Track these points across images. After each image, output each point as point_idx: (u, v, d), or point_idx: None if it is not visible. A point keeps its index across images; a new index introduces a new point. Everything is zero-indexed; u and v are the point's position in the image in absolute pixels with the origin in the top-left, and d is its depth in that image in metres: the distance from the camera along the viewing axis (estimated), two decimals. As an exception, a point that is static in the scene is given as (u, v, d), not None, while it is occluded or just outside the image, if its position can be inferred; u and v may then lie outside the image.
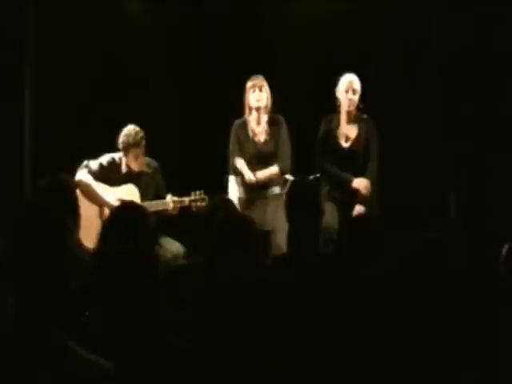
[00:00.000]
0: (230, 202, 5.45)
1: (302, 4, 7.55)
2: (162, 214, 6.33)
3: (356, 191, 6.38)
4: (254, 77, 6.48)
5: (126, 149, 6.40)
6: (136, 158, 6.45)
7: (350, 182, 6.37)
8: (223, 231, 3.72)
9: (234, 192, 6.54)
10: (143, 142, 6.44)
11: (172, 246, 6.24)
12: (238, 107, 6.61)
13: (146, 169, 6.58)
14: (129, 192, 6.43)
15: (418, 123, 7.44)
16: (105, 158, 6.45)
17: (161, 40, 7.68)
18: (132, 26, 7.63)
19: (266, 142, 6.50)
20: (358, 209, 6.35)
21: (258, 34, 7.56)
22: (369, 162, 6.48)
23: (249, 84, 6.46)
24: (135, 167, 6.48)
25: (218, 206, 5.12)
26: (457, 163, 7.37)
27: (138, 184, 6.50)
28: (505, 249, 4.07)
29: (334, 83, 6.51)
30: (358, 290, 3.76)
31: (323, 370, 3.35)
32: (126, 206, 4.55)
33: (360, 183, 6.33)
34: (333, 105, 6.56)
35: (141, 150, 6.45)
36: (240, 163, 6.46)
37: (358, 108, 6.48)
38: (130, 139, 6.38)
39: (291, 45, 7.44)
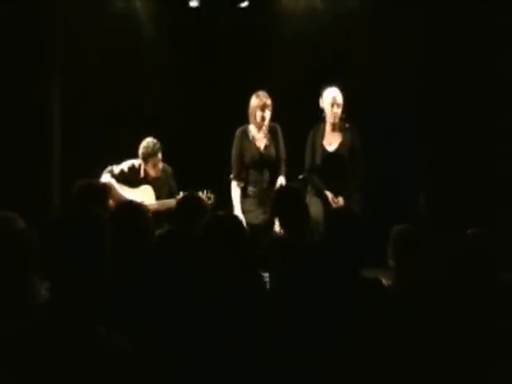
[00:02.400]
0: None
1: (293, 27, 7.65)
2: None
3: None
4: (260, 94, 6.56)
5: (146, 158, 6.69)
6: (154, 166, 6.72)
7: (327, 196, 6.56)
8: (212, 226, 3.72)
9: (236, 196, 6.64)
10: (160, 153, 6.69)
11: None
12: (238, 115, 6.73)
13: (161, 174, 6.83)
14: (145, 192, 6.71)
15: (393, 125, 7.61)
16: (126, 164, 6.70)
17: (171, 57, 7.84)
18: (146, 52, 7.83)
19: (266, 147, 6.63)
20: (337, 201, 6.54)
21: (255, 51, 7.75)
22: (353, 167, 6.64)
23: (256, 101, 6.56)
24: (153, 174, 6.75)
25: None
26: (428, 162, 7.57)
27: (153, 186, 6.75)
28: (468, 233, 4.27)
29: (319, 93, 6.68)
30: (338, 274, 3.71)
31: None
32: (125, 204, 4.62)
33: (333, 200, 6.55)
34: (318, 112, 6.72)
35: (158, 159, 6.71)
36: (234, 190, 6.66)
37: (340, 118, 6.66)
38: (149, 150, 6.66)
39: (284, 60, 7.57)
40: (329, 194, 6.63)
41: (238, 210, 6.57)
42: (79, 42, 7.62)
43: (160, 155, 6.73)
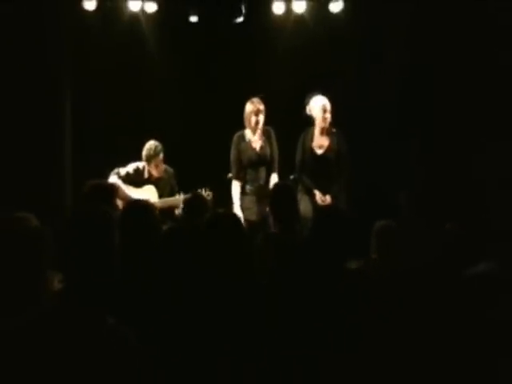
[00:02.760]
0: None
1: (283, 39, 7.70)
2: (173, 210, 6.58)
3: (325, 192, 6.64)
4: (255, 101, 6.64)
5: (149, 159, 6.73)
6: (156, 166, 6.75)
7: (315, 195, 6.64)
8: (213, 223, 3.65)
9: (236, 194, 6.69)
10: (161, 154, 6.72)
11: None
12: (234, 120, 6.80)
13: (164, 173, 6.87)
14: (149, 192, 6.71)
15: (376, 128, 7.65)
16: (131, 166, 6.72)
17: (173, 67, 7.86)
18: (150, 63, 7.86)
19: (261, 148, 6.69)
20: (324, 199, 6.61)
21: (250, 61, 7.80)
22: (340, 169, 6.73)
23: (250, 107, 6.64)
24: (156, 174, 6.78)
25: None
26: (409, 163, 7.58)
27: (156, 185, 6.78)
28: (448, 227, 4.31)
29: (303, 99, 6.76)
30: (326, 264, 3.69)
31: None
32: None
33: (320, 198, 6.61)
34: (306, 118, 6.81)
35: (160, 160, 6.74)
36: (235, 188, 6.72)
37: (329, 123, 6.71)
38: (151, 152, 6.70)
39: (275, 69, 7.67)
40: (317, 193, 6.68)
41: (237, 207, 6.62)
42: (89, 54, 7.66)
43: (161, 156, 6.76)
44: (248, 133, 6.77)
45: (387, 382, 3.24)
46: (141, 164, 6.80)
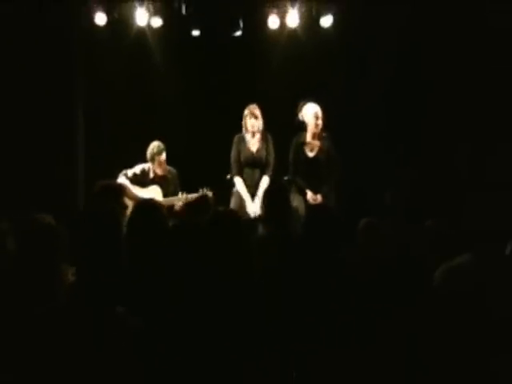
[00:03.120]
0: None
1: (277, 51, 7.66)
2: (174, 210, 6.55)
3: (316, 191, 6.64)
4: (251, 106, 6.71)
5: (152, 158, 6.75)
6: (160, 164, 6.76)
7: (306, 194, 6.63)
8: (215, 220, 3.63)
9: (242, 187, 6.68)
10: (164, 152, 6.74)
11: None
12: (233, 125, 6.84)
13: (168, 174, 6.86)
14: (154, 191, 6.72)
15: (363, 133, 7.63)
16: (138, 168, 6.74)
17: (177, 77, 7.86)
18: (156, 73, 7.85)
19: (258, 151, 6.73)
20: (315, 198, 6.60)
21: (247, 71, 7.77)
22: (330, 170, 6.71)
23: (246, 112, 6.71)
24: (160, 172, 6.79)
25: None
26: (394, 165, 7.57)
27: (161, 186, 6.78)
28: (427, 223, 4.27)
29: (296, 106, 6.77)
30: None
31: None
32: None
33: (312, 198, 6.61)
34: (298, 123, 6.80)
35: (162, 158, 6.75)
36: (239, 184, 6.72)
37: (320, 128, 6.71)
38: (154, 150, 6.73)
39: (271, 79, 7.64)
40: (309, 192, 6.69)
41: (246, 196, 6.68)
42: (100, 64, 7.69)
43: (164, 155, 6.78)
44: (247, 135, 6.80)
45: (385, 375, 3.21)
46: (146, 165, 6.82)
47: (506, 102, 7.16)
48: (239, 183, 6.76)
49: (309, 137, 6.81)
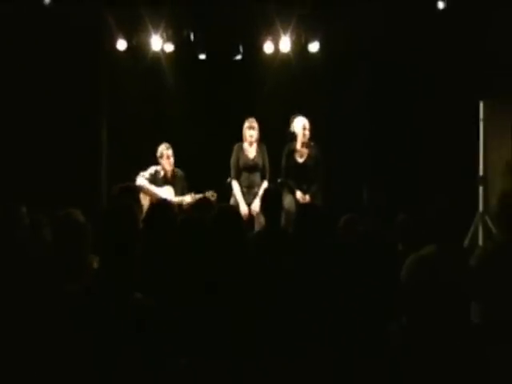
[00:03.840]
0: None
1: (272, 73, 7.64)
2: (183, 207, 6.44)
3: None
4: (250, 119, 6.72)
5: (161, 154, 6.73)
6: (168, 158, 6.72)
7: (297, 194, 6.62)
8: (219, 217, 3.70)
9: (238, 190, 6.69)
10: (171, 149, 6.73)
11: None
12: (234, 136, 6.84)
13: (176, 173, 6.79)
14: (168, 191, 6.71)
15: (345, 141, 7.62)
16: (152, 169, 6.74)
17: (186, 95, 7.88)
18: (167, 91, 7.85)
19: (254, 158, 6.74)
20: (304, 198, 6.61)
21: (246, 89, 7.74)
22: (317, 174, 6.71)
23: (246, 124, 6.72)
24: (168, 166, 6.72)
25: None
26: (370, 168, 7.65)
27: (172, 185, 6.76)
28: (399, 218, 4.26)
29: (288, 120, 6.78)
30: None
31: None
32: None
33: (301, 197, 6.59)
34: (289, 133, 6.82)
35: (169, 154, 6.71)
36: (235, 188, 6.70)
37: (309, 137, 6.74)
38: (163, 147, 6.73)
39: (267, 96, 7.63)
40: (299, 193, 6.70)
41: (240, 199, 6.65)
42: (122, 83, 7.76)
43: (171, 151, 6.76)
44: (245, 144, 6.79)
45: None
46: (158, 167, 6.82)
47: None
48: (235, 187, 6.75)
49: (298, 145, 6.80)
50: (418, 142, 7.47)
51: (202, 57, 7.67)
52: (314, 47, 7.55)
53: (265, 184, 6.73)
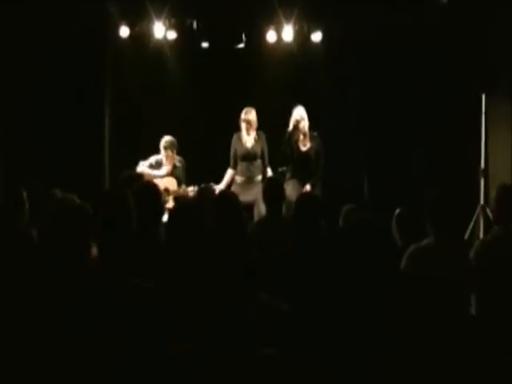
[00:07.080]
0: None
1: (274, 62, 7.61)
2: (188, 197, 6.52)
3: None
4: (247, 109, 6.66)
5: (165, 146, 6.77)
6: (172, 151, 6.80)
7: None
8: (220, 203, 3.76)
9: (227, 177, 6.76)
10: (175, 142, 6.78)
11: None
12: (233, 125, 6.81)
13: (177, 162, 6.88)
14: (170, 181, 6.80)
15: (346, 135, 7.71)
16: (153, 158, 6.82)
17: (189, 83, 7.87)
18: (171, 80, 7.87)
19: (252, 147, 6.70)
20: (305, 188, 6.61)
21: (248, 77, 7.80)
22: (317, 164, 6.71)
23: (244, 113, 6.66)
24: (170, 161, 6.81)
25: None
26: (369, 162, 7.72)
27: (175, 176, 6.83)
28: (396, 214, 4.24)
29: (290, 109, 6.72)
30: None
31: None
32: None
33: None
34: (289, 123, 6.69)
35: (174, 147, 6.79)
36: (227, 174, 6.78)
37: (309, 128, 6.68)
38: (167, 139, 6.76)
39: (267, 85, 7.60)
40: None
41: (222, 185, 6.70)
42: (124, 71, 7.75)
43: (175, 144, 6.81)
44: (244, 133, 6.75)
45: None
46: (160, 156, 6.85)
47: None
48: (228, 174, 6.80)
49: (301, 135, 6.77)
50: (420, 135, 7.47)
51: (205, 45, 7.68)
52: (316, 37, 7.58)
53: (268, 172, 6.77)
